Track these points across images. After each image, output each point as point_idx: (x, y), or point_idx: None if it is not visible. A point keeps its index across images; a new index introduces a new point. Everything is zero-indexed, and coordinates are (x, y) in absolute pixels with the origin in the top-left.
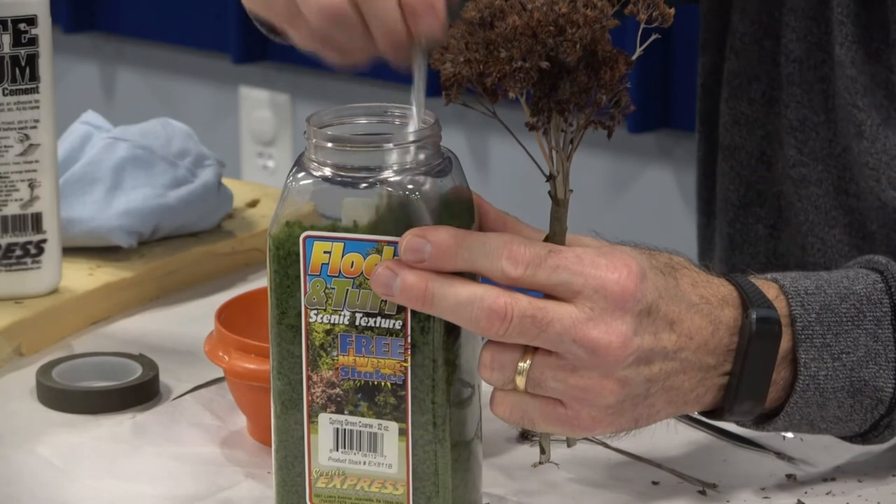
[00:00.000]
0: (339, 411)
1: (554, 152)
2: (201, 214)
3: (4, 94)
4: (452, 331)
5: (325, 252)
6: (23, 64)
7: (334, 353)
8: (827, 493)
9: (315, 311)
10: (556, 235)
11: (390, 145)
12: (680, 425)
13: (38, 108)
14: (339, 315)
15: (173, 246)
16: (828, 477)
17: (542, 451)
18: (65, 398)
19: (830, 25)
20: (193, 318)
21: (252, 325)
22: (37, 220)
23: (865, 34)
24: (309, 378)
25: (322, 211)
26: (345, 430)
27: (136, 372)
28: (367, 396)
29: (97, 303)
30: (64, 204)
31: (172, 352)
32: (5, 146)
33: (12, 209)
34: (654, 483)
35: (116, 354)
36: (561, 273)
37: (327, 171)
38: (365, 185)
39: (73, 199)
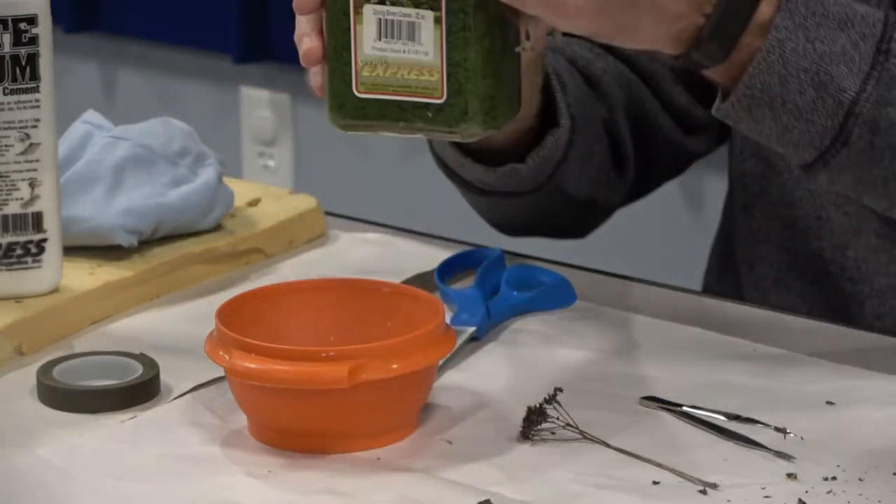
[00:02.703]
0: (382, 2)
1: None
2: (202, 213)
3: (5, 94)
4: None
5: None
6: (23, 63)
7: None
8: (828, 492)
9: None
10: None
11: None
12: (680, 424)
13: (38, 107)
14: None
15: (174, 245)
16: (829, 476)
17: (527, 38)
18: (65, 397)
19: None
20: (194, 317)
21: (252, 323)
22: (37, 219)
23: None
24: None
25: None
26: (386, 20)
27: (137, 371)
28: None
29: (98, 302)
30: (64, 203)
31: (173, 351)
32: (6, 145)
33: (13, 208)
34: (655, 482)
35: (117, 354)
36: None
37: None
38: None
39: (73, 198)
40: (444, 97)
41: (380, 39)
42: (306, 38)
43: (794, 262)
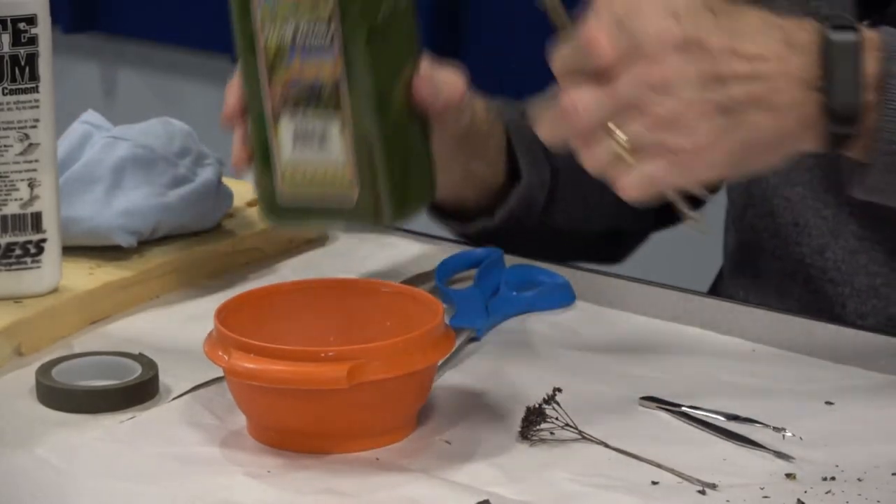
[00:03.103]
0: (295, 110)
1: None
2: (201, 213)
3: (4, 94)
4: (374, 39)
5: None
6: (22, 63)
7: (285, 64)
8: (827, 493)
9: (267, 29)
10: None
11: None
12: (679, 424)
13: (37, 107)
14: (286, 32)
15: (173, 245)
16: (827, 476)
17: (694, 219)
18: (64, 398)
19: None
20: (193, 318)
21: (252, 324)
22: (36, 219)
23: None
24: (268, 88)
25: None
26: (300, 128)
27: (136, 371)
28: (315, 99)
29: (97, 302)
30: (64, 203)
31: (172, 351)
32: (5, 146)
33: (12, 209)
34: (654, 483)
35: (116, 354)
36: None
37: None
38: None
39: (73, 198)
40: (357, 196)
41: (296, 145)
42: (234, 145)
43: (785, 268)
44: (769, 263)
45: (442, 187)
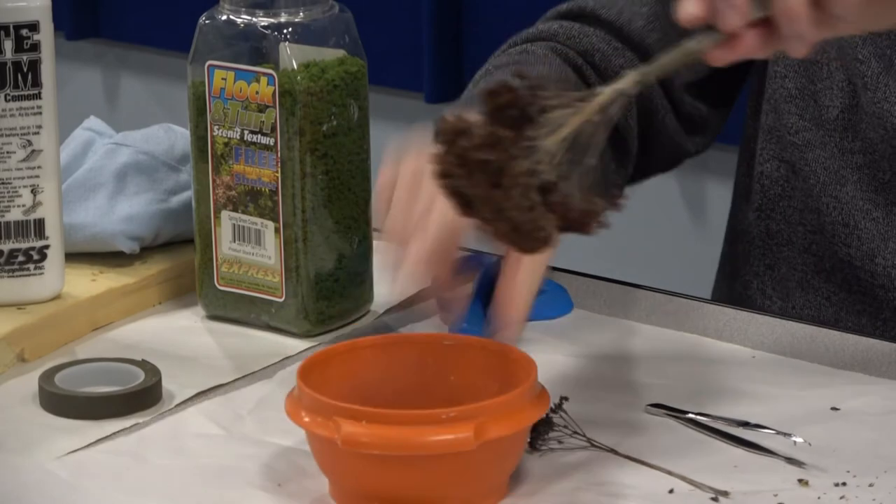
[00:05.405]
0: (235, 210)
1: None
2: None
3: (7, 100)
4: (315, 150)
5: (222, 79)
6: (25, 70)
7: (230, 162)
8: (840, 498)
9: (217, 127)
10: None
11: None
12: (688, 431)
13: (40, 113)
14: (233, 131)
15: (176, 251)
16: (839, 482)
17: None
18: (67, 404)
19: None
20: (196, 324)
21: (332, 384)
22: (39, 225)
23: None
24: (214, 181)
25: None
26: (239, 226)
27: (139, 377)
28: (253, 199)
29: (100, 308)
30: (66, 210)
31: (175, 357)
32: (8, 152)
33: (15, 215)
34: (670, 491)
35: (119, 360)
36: None
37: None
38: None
39: (75, 204)
40: (283, 297)
41: (234, 241)
42: None
43: (820, 265)
44: (798, 258)
45: None
